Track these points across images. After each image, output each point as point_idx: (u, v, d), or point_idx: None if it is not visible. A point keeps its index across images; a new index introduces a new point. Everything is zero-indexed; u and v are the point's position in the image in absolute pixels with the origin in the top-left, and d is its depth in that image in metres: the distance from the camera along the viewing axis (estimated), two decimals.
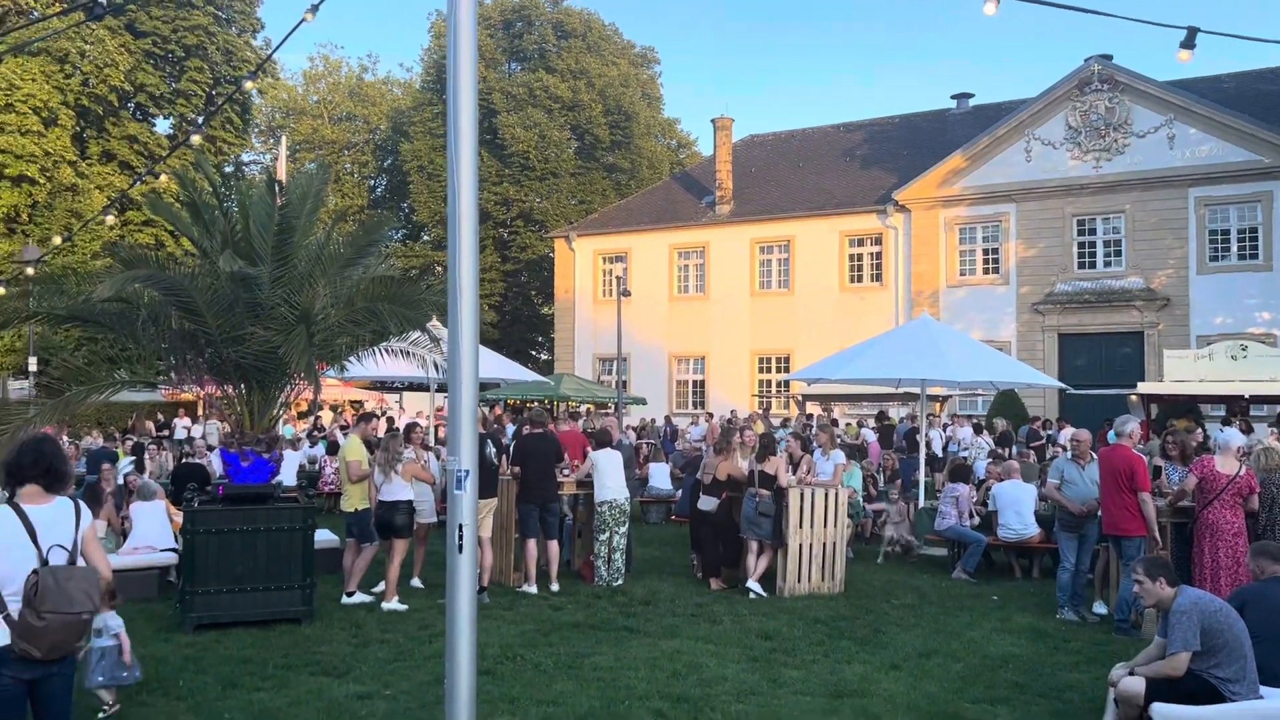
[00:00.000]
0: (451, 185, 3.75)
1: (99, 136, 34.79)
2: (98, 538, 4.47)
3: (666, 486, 16.15)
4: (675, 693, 6.68)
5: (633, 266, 34.91)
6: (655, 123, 49.70)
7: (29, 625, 4.02)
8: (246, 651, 7.71)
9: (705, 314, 34.04)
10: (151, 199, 14.18)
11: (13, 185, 30.91)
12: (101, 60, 32.98)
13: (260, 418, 10.88)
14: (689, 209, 35.54)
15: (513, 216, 44.27)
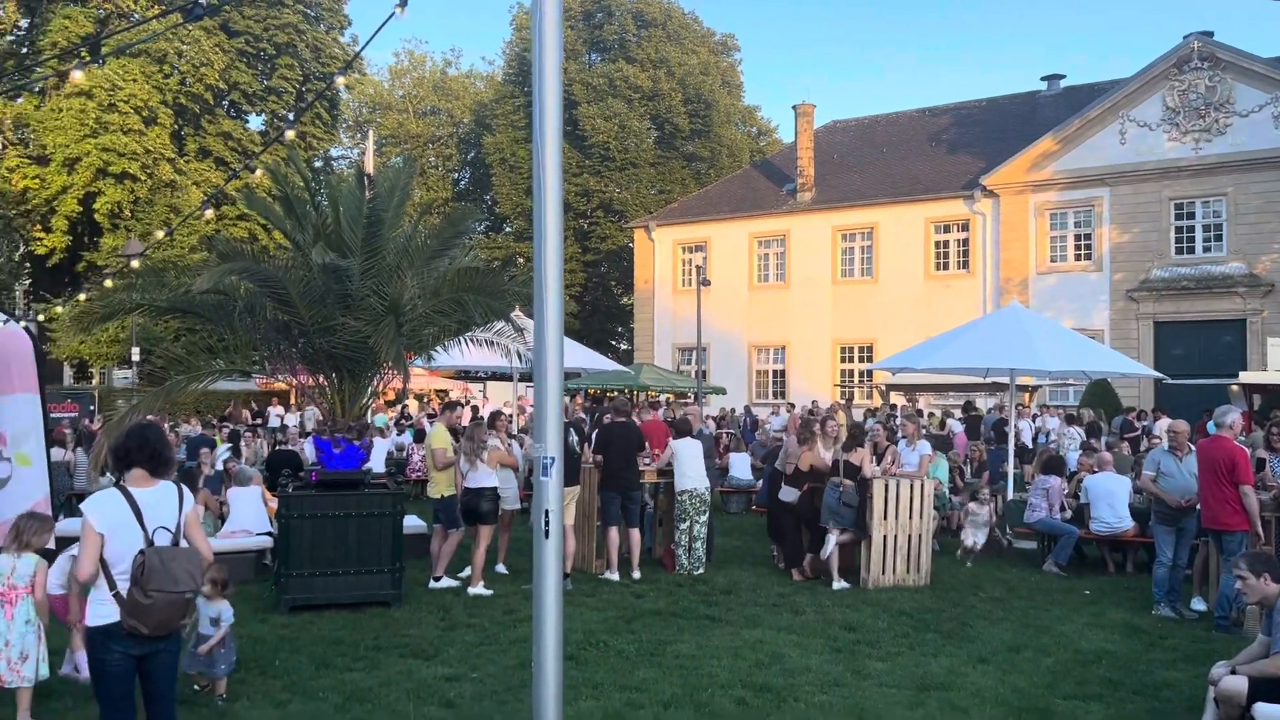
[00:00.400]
0: (537, 178, 3.79)
1: (196, 134, 35.96)
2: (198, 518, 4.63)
3: (747, 476, 16.10)
4: (758, 682, 6.67)
5: (712, 256, 34.80)
6: (735, 110, 49.39)
7: (137, 603, 4.18)
8: (338, 633, 7.93)
9: (785, 303, 33.78)
10: (246, 194, 14.63)
11: (116, 182, 32.17)
12: (198, 60, 34.08)
13: (351, 406, 11.19)
14: (769, 197, 35.27)
15: (593, 207, 44.49)
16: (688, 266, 35.37)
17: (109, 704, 4.31)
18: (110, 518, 4.27)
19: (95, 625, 4.26)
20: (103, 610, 4.26)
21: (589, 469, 10.75)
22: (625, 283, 44.23)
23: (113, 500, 4.31)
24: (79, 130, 31.66)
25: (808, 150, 34.28)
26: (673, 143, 45.64)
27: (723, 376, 33.14)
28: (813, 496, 10.39)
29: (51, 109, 32.85)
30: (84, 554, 4.22)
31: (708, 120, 45.64)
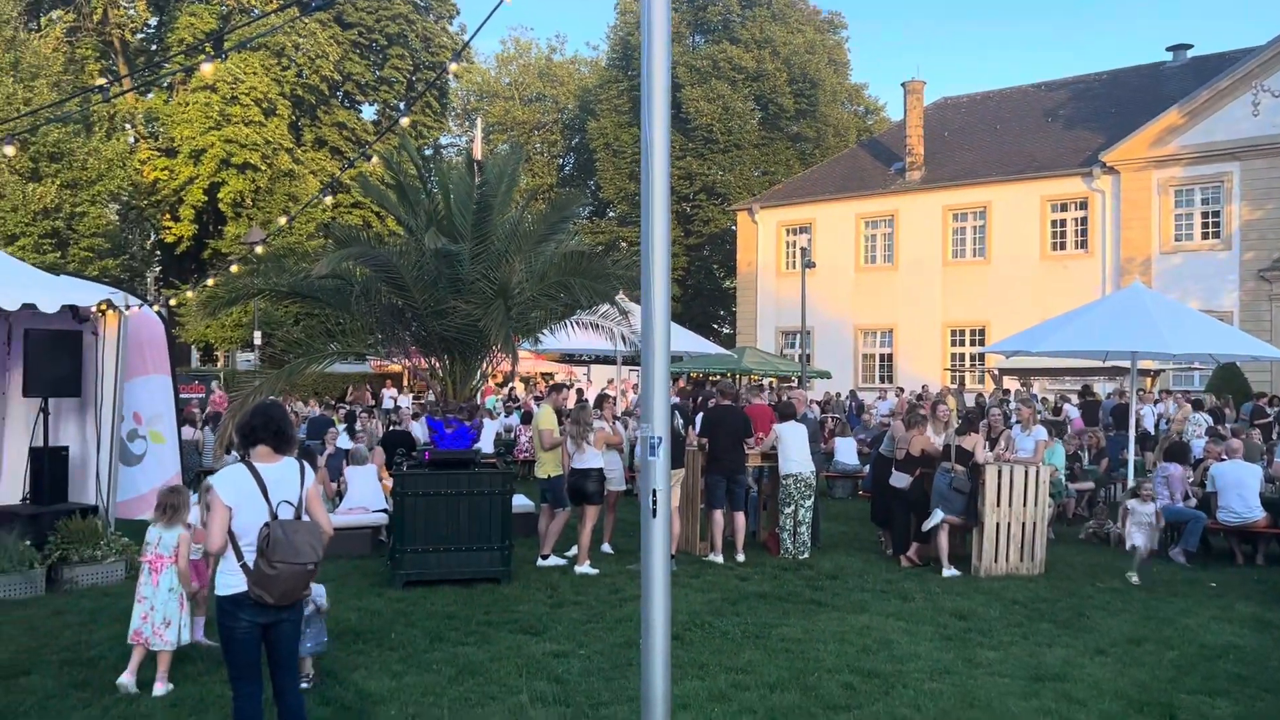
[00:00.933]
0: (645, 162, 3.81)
1: (312, 124, 37.17)
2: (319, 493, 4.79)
3: (853, 461, 15.90)
4: (865, 667, 6.61)
5: (817, 237, 34.32)
6: (842, 89, 48.52)
7: (263, 574, 4.35)
8: (451, 608, 8.16)
9: (893, 285, 33.13)
10: (362, 181, 15.06)
11: (238, 172, 33.51)
12: (314, 52, 35.20)
13: (462, 387, 11.43)
14: (877, 177, 34.59)
15: (695, 190, 44.36)
16: (792, 249, 34.99)
17: (236, 669, 4.51)
18: (237, 491, 4.43)
19: (224, 595, 4.45)
20: (231, 580, 4.44)
21: (693, 452, 10.78)
22: (728, 266, 44.02)
23: (240, 475, 4.48)
24: (204, 123, 33.08)
25: (917, 128, 33.48)
26: (777, 123, 45.13)
27: (827, 360, 32.73)
28: (923, 482, 10.21)
29: (179, 103, 34.41)
30: (213, 526, 4.39)
31: (813, 100, 44.96)
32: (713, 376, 27.15)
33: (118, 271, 29.33)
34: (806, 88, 44.67)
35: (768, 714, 5.71)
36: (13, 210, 26.89)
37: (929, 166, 33.19)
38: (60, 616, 7.71)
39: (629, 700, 5.85)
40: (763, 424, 11.37)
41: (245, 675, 4.51)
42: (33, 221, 27.25)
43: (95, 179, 29.13)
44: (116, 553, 9.05)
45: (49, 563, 8.62)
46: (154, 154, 35.02)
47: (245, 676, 4.51)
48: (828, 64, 46.58)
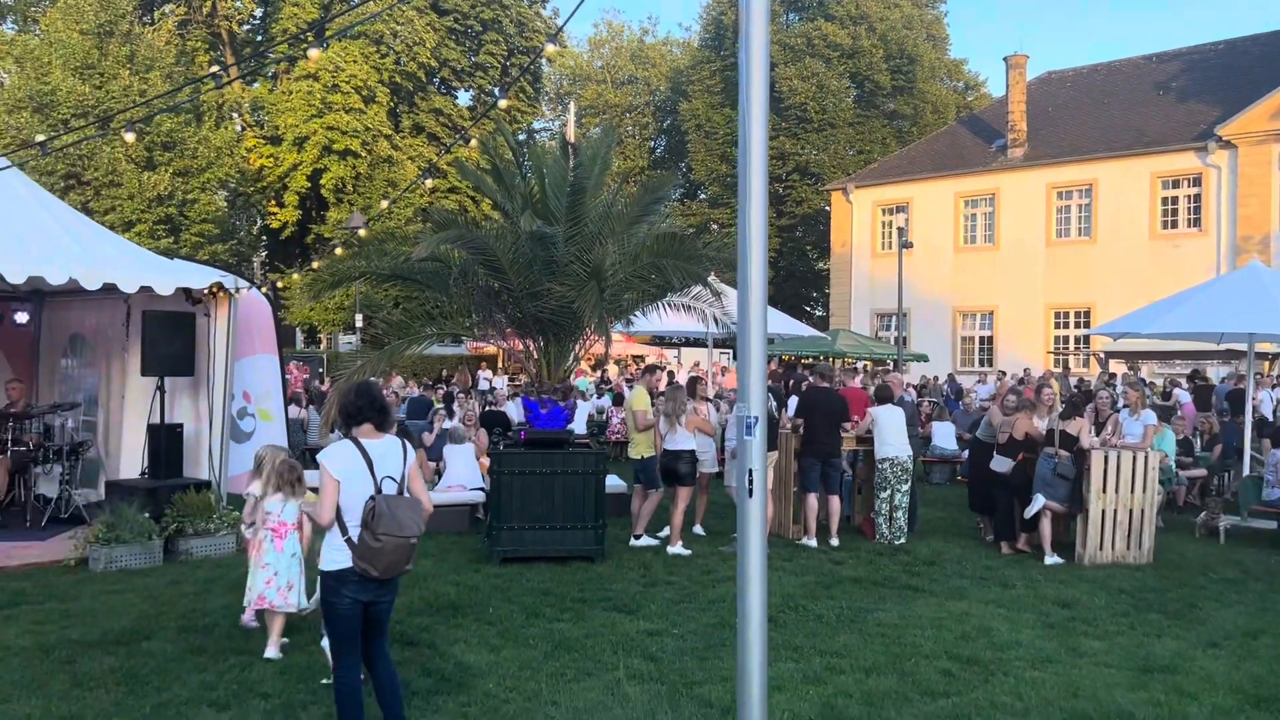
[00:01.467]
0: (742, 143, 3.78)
1: (409, 111, 37.87)
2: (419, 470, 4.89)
3: (951, 446, 15.59)
4: (964, 654, 6.50)
5: (914, 217, 33.62)
6: (940, 65, 47.30)
7: (368, 546, 4.45)
8: (546, 584, 8.28)
9: (994, 265, 32.26)
10: (459, 165, 15.32)
11: (340, 159, 34.38)
12: (411, 39, 35.83)
13: (556, 369, 11.57)
14: (977, 154, 33.67)
15: (788, 171, 43.85)
16: (888, 229, 34.36)
17: (338, 642, 4.65)
18: (345, 466, 4.55)
19: (329, 570, 4.56)
20: (336, 556, 4.55)
21: (786, 435, 10.71)
22: (821, 247, 43.47)
23: (348, 450, 4.59)
24: (306, 111, 34.00)
25: (1020, 103, 32.45)
26: (873, 101, 44.28)
27: (924, 343, 32.08)
28: (1025, 467, 9.95)
29: (283, 92, 35.42)
30: (324, 500, 4.50)
31: (910, 76, 43.96)
32: (805, 359, 26.90)
33: (226, 256, 30.42)
34: (904, 64, 43.69)
35: (864, 698, 5.66)
36: (130, 198, 28.08)
37: (1032, 143, 32.17)
38: (177, 586, 8.07)
39: (723, 680, 5.86)
40: (857, 407, 11.23)
41: (347, 648, 4.63)
42: (148, 208, 28.42)
43: (205, 167, 30.23)
44: (228, 526, 9.42)
45: (166, 534, 9.02)
46: (259, 142, 36.16)
47: (347, 650, 4.63)
48: (926, 39, 45.46)
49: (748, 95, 3.75)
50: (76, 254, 9.28)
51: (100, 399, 11.33)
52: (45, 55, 28.54)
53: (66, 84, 27.47)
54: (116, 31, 29.32)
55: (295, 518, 6.49)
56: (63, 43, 28.45)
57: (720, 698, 5.57)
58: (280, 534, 6.48)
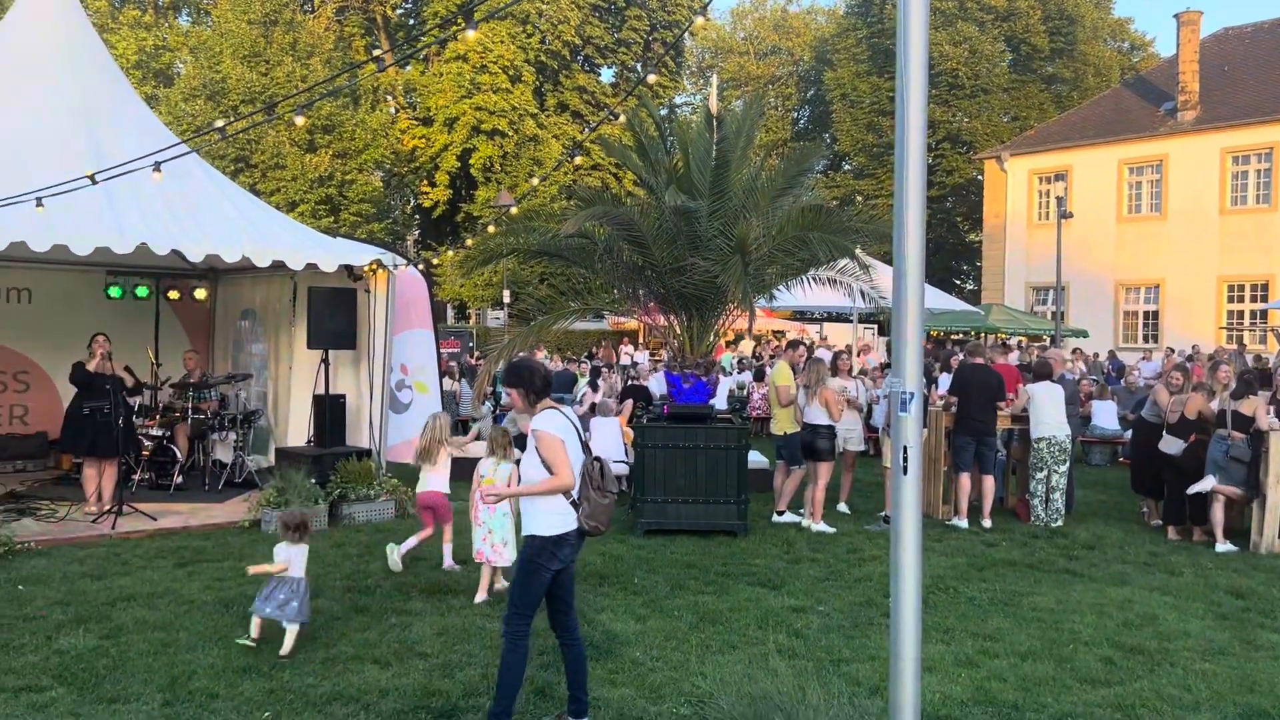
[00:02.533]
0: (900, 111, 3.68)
1: (554, 89, 38.41)
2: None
3: (1113, 426, 14.88)
4: (1127, 643, 6.22)
5: (1074, 186, 32.01)
6: (1103, 25, 44.79)
7: (599, 504, 4.57)
8: (690, 557, 8.35)
9: (1161, 236, 30.44)
10: (603, 142, 15.48)
11: (488, 138, 35.22)
12: (556, 18, 36.27)
13: (698, 344, 11.61)
14: (1143, 118, 31.75)
15: (938, 140, 42.44)
16: (1045, 198, 32.86)
17: (529, 605, 4.61)
18: (564, 432, 4.62)
19: (547, 534, 4.56)
20: (555, 520, 4.56)
21: (936, 412, 10.43)
22: (973, 218, 41.97)
23: (560, 418, 4.66)
24: (456, 92, 34.93)
25: (1192, 63, 30.39)
26: (1030, 65, 42.32)
27: (1084, 318, 30.62)
28: (1197, 449, 9.40)
29: (434, 74, 36.47)
30: (566, 461, 4.54)
31: (1070, 38, 41.78)
32: (954, 335, 26.10)
33: (383, 234, 31.66)
34: (1063, 25, 41.57)
35: (1019, 683, 5.49)
36: (293, 179, 29.53)
37: (1205, 105, 30.11)
38: (341, 549, 8.51)
39: (870, 659, 5.80)
40: (1009, 385, 10.83)
41: (532, 611, 4.63)
42: (310, 189, 29.83)
43: (362, 148, 31.48)
44: (388, 492, 9.87)
45: (330, 499, 9.52)
46: (412, 123, 37.38)
47: (531, 613, 4.63)
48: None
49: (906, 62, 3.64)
50: (248, 233, 9.84)
51: (269, 370, 12.02)
52: (217, 45, 30.25)
53: (236, 72, 29.05)
54: (280, 20, 30.79)
55: (506, 479, 6.98)
56: (232, 33, 30.07)
57: (868, 676, 5.52)
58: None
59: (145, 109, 11.59)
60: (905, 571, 3.65)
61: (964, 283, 46.96)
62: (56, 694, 5.15)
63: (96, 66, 10.85)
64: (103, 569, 7.65)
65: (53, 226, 8.51)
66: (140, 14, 35.94)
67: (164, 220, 9.51)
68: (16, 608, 6.60)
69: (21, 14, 10.79)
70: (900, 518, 3.64)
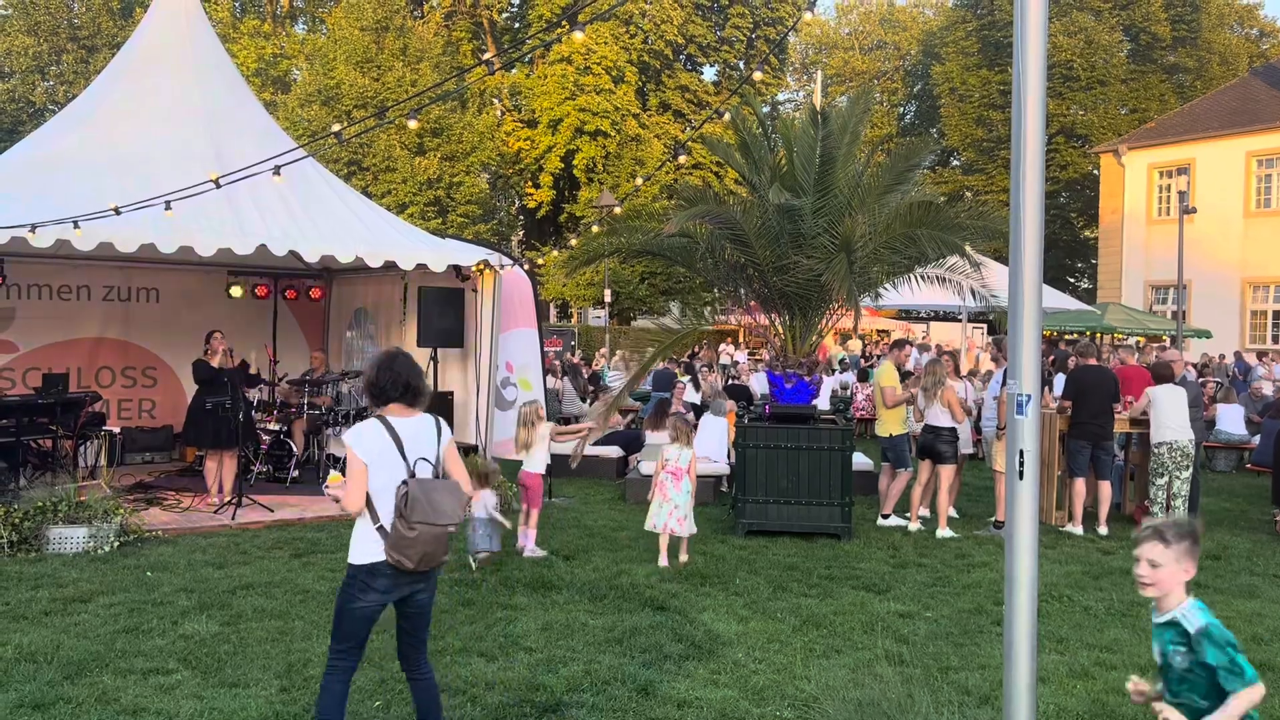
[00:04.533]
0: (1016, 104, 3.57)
1: (657, 89, 38.52)
2: (456, 450, 4.36)
3: (1239, 431, 14.18)
4: (1256, 658, 5.88)
5: (1197, 180, 30.55)
6: (1230, 11, 42.69)
7: (401, 536, 3.96)
8: (792, 559, 8.27)
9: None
10: (707, 140, 15.45)
11: (591, 139, 35.52)
12: (659, 18, 36.36)
13: (801, 343, 11.47)
14: (1273, 108, 30.11)
15: (1052, 133, 41.03)
16: (1166, 193, 31.47)
17: (344, 639, 4.10)
18: (373, 447, 4.05)
19: (358, 563, 4.05)
20: (365, 548, 4.05)
21: (1050, 415, 10.10)
22: (1088, 214, 40.48)
23: (375, 431, 4.09)
24: (560, 94, 35.32)
25: None
26: (1150, 54, 40.60)
27: (1207, 318, 29.22)
28: None
29: (539, 76, 36.96)
30: (351, 485, 4.04)
31: (1194, 25, 39.93)
32: (1068, 335, 25.23)
33: (489, 235, 32.25)
34: (1186, 12, 39.75)
35: None
36: (403, 182, 30.30)
37: None
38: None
39: (980, 668, 5.64)
40: (1135, 387, 10.41)
41: (350, 649, 4.12)
42: (419, 191, 30.57)
43: (469, 151, 32.12)
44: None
45: None
46: (517, 125, 37.95)
47: (347, 645, 4.11)
48: None
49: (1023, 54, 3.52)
50: (361, 234, 10.13)
51: None
52: (331, 52, 31.25)
53: (349, 77, 29.96)
54: (391, 26, 31.64)
55: (687, 462, 8.09)
56: (345, 39, 31.03)
57: (978, 686, 5.37)
58: (676, 475, 8.12)
59: (264, 114, 12.04)
60: (1021, 578, 3.54)
61: (1079, 281, 45.36)
62: (181, 677, 5.39)
63: (219, 73, 11.32)
64: (224, 558, 7.97)
65: (179, 229, 8.91)
66: (260, 23, 37.42)
67: (282, 222, 9.86)
68: (145, 593, 6.93)
69: (151, 24, 11.34)
70: (1016, 523, 3.53)
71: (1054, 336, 25.70)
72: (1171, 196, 29.73)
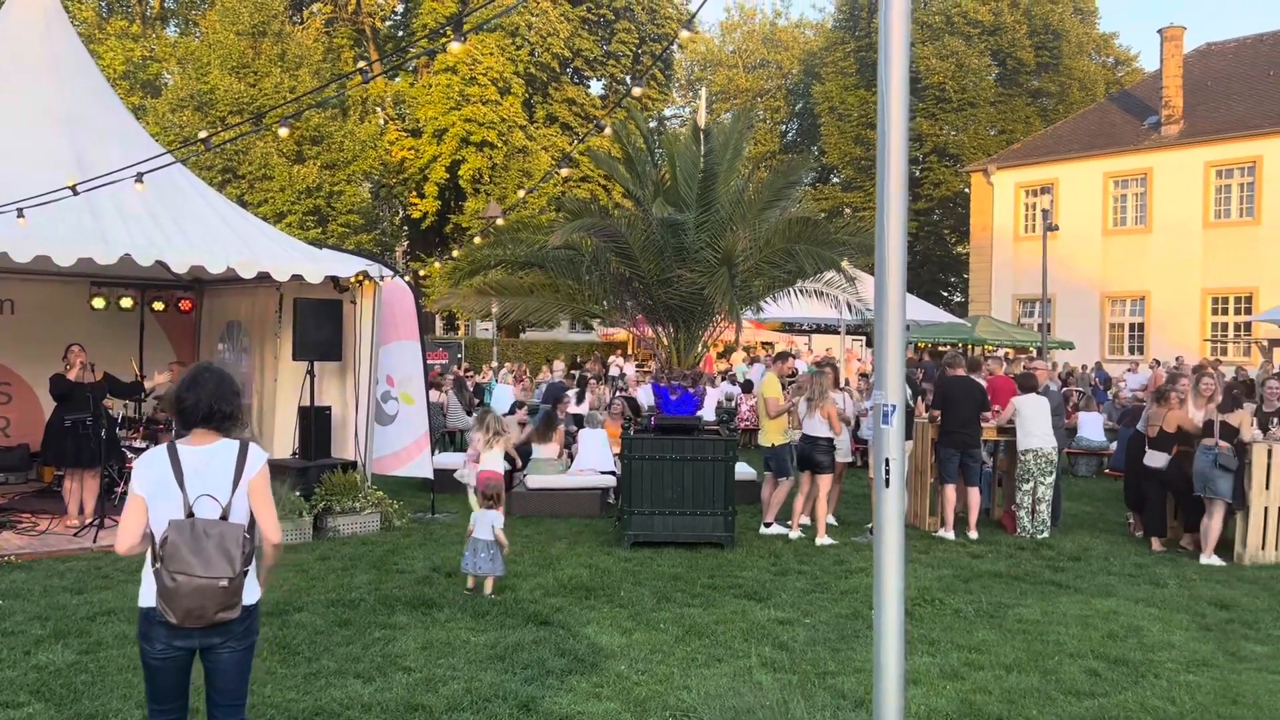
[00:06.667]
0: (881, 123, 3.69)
1: (543, 101, 38.48)
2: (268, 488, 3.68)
3: (1098, 438, 14.93)
4: (1112, 654, 6.22)
5: (1060, 199, 32.20)
6: (1088, 39, 45.11)
7: (164, 585, 3.42)
8: (676, 569, 8.32)
9: (1146, 249, 30.62)
10: (593, 154, 15.51)
11: (477, 150, 35.24)
12: (545, 30, 36.37)
13: (685, 355, 11.60)
14: (1128, 132, 31.98)
15: (925, 152, 42.68)
16: (1031, 211, 33.03)
17: (150, 693, 3.63)
18: (150, 479, 3.51)
19: (140, 606, 3.58)
20: (146, 590, 3.55)
21: (923, 424, 10.45)
22: (960, 231, 42.17)
23: (158, 459, 3.54)
24: (445, 104, 34.96)
25: (1175, 78, 30.64)
26: (1016, 79, 42.59)
27: (1070, 330, 30.76)
28: (1181, 462, 9.43)
29: (423, 85, 36.51)
30: (124, 520, 3.53)
31: (1056, 52, 42.09)
32: (940, 346, 26.18)
33: (370, 246, 31.61)
34: (1049, 39, 41.86)
35: (1004, 695, 5.49)
36: (281, 190, 29.47)
37: (1189, 119, 30.36)
38: (325, 561, 8.46)
39: (856, 671, 5.78)
40: (1001, 397, 10.86)
41: (162, 703, 3.63)
42: (297, 200, 29.77)
43: (350, 159, 31.45)
44: (373, 504, 9.82)
45: (315, 512, 9.46)
46: (401, 135, 37.37)
47: (162, 706, 3.63)
48: (1073, 13, 43.42)
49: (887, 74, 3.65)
50: (234, 244, 9.79)
51: (254, 382, 11.95)
52: (205, 56, 30.19)
53: (224, 83, 29.00)
54: (269, 31, 30.78)
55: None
56: (220, 44, 30.03)
57: (854, 689, 5.50)
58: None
59: (130, 119, 11.54)
60: (888, 583, 3.64)
61: (951, 295, 47.12)
62: (33, 710, 5.09)
63: (81, 76, 10.81)
64: (83, 583, 7.58)
65: (35, 237, 8.45)
66: (128, 24, 35.88)
67: (148, 231, 9.45)
68: None
69: (5, 23, 10.75)
70: (884, 529, 3.63)
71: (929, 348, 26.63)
72: (1037, 214, 31.19)
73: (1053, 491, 10.10)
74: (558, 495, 10.85)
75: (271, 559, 3.73)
